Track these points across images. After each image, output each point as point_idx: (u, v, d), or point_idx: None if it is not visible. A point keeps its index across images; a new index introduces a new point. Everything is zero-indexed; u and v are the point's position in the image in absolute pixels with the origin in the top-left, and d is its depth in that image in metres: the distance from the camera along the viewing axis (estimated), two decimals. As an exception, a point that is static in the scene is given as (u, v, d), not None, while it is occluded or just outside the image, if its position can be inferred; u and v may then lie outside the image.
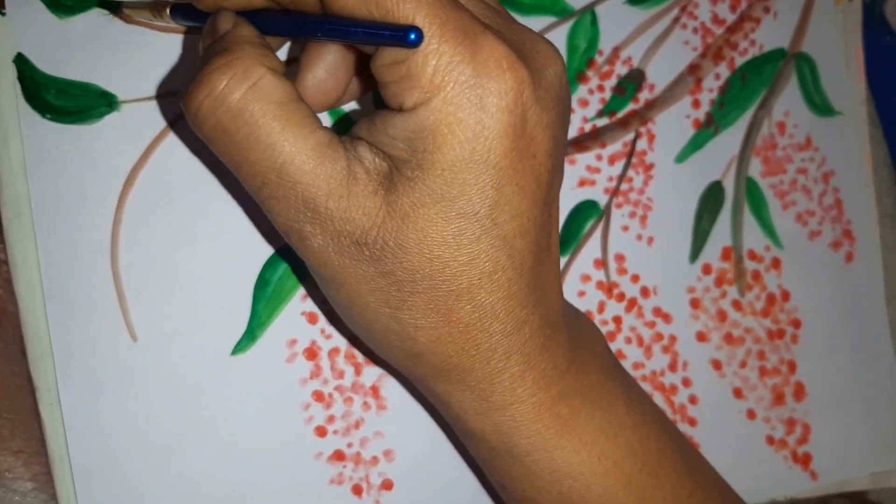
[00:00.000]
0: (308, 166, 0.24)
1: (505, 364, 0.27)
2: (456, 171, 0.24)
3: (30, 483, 0.32)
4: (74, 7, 0.32)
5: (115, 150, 0.32)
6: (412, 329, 0.26)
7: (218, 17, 0.26)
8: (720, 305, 0.40)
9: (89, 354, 0.31)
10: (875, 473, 0.42)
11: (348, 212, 0.24)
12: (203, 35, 0.27)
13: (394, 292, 0.26)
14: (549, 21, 0.38)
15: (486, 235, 0.25)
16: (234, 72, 0.24)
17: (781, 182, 0.42)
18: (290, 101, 0.24)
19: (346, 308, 0.27)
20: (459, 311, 0.26)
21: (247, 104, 0.24)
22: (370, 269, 0.25)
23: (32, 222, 0.31)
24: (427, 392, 0.29)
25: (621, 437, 0.29)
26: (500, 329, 0.26)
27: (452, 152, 0.24)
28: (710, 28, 0.41)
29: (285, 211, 0.25)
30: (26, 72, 0.31)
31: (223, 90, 0.24)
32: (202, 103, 0.24)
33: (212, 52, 0.25)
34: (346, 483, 0.34)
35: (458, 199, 0.24)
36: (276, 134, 0.24)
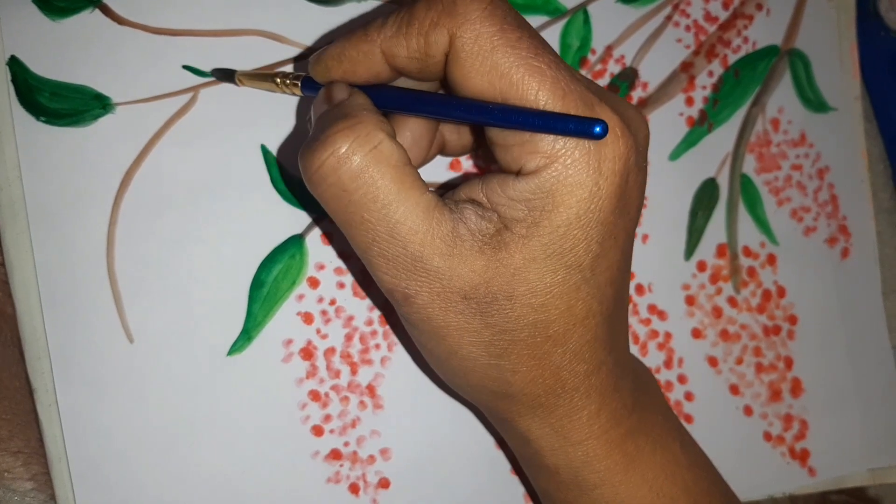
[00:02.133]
0: (419, 227, 0.26)
1: (585, 402, 0.29)
2: (570, 227, 0.26)
3: (29, 483, 0.32)
4: (67, 9, 0.32)
5: (110, 153, 0.32)
6: (510, 374, 0.28)
7: (333, 87, 0.28)
8: (715, 302, 0.40)
9: (86, 356, 0.32)
10: (873, 469, 0.42)
11: (456, 269, 0.26)
12: (315, 103, 0.29)
13: (496, 341, 0.27)
14: (541, 20, 0.38)
15: (585, 285, 0.27)
16: (357, 135, 0.25)
17: (776, 178, 0.42)
18: (405, 165, 0.26)
19: (443, 359, 0.29)
20: (553, 354, 0.27)
21: (367, 166, 0.25)
22: (475, 321, 0.27)
23: (28, 225, 0.31)
24: (507, 428, 0.31)
25: (678, 476, 0.31)
26: (584, 370, 0.28)
27: (569, 211, 0.25)
28: (702, 25, 0.41)
29: (393, 269, 0.27)
30: (20, 74, 0.31)
31: (346, 151, 0.25)
32: (325, 162, 0.26)
33: (331, 117, 0.27)
34: (343, 482, 0.34)
35: (568, 253, 0.26)
36: (392, 195, 0.26)
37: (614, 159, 0.25)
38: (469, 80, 0.25)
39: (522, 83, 0.25)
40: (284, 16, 0.34)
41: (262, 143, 0.34)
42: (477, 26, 0.25)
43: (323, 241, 0.34)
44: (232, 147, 0.33)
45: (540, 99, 0.25)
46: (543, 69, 0.25)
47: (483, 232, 0.26)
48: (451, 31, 0.25)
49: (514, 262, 0.26)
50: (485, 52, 0.25)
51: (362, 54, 0.27)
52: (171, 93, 0.33)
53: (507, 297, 0.26)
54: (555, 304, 0.27)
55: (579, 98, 0.25)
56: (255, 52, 0.34)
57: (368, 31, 0.27)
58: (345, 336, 0.35)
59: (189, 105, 0.33)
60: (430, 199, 0.26)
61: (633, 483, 0.30)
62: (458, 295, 0.26)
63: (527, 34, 0.25)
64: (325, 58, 0.28)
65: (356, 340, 0.35)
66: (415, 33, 0.26)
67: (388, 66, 0.27)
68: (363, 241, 0.27)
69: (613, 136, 0.25)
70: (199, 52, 0.33)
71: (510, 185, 0.26)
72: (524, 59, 0.25)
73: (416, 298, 0.27)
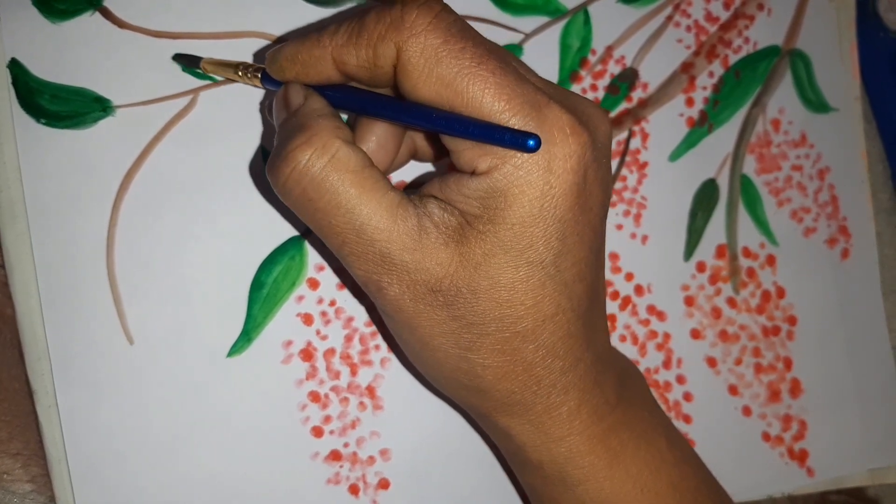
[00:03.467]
0: (383, 225, 0.27)
1: (563, 398, 0.29)
2: (525, 225, 0.26)
3: (28, 485, 0.32)
4: (67, 11, 0.32)
5: (110, 155, 0.32)
6: (480, 368, 0.28)
7: (289, 89, 0.29)
8: (715, 303, 0.40)
9: (86, 357, 0.32)
10: (873, 470, 0.42)
11: (422, 262, 0.27)
12: (276, 106, 0.30)
13: (464, 334, 0.28)
14: (542, 20, 0.38)
15: (551, 281, 0.27)
16: (314, 147, 0.27)
17: (776, 179, 0.42)
18: (364, 168, 0.27)
19: (417, 350, 0.29)
20: (524, 350, 0.28)
21: (327, 175, 0.26)
22: (443, 313, 0.27)
23: (28, 227, 0.31)
24: (488, 425, 0.32)
25: (663, 472, 0.31)
26: (559, 366, 0.29)
27: (522, 209, 0.26)
28: (703, 26, 0.41)
29: (364, 265, 0.28)
30: (20, 77, 0.31)
31: (305, 165, 0.26)
32: (288, 177, 0.27)
33: (290, 128, 0.28)
34: (343, 483, 0.34)
35: (527, 249, 0.27)
36: (353, 199, 0.27)
37: (566, 157, 0.26)
38: (417, 90, 0.26)
39: (467, 91, 0.26)
40: (284, 17, 0.34)
41: (262, 144, 0.34)
42: (422, 39, 0.26)
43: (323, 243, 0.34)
44: (231, 149, 0.33)
45: (485, 104, 0.26)
46: (487, 76, 0.26)
47: (447, 225, 0.27)
48: (398, 45, 0.26)
49: (475, 257, 0.27)
50: (430, 63, 0.26)
51: (314, 58, 0.28)
52: (171, 95, 0.33)
53: (471, 290, 0.27)
54: (520, 300, 0.27)
55: (525, 101, 0.26)
56: (255, 53, 0.34)
57: (321, 36, 0.28)
58: (344, 337, 0.35)
59: (189, 107, 0.33)
60: (392, 197, 0.27)
61: (618, 478, 0.30)
62: (425, 287, 0.27)
63: (471, 43, 0.26)
64: (280, 58, 0.29)
65: (356, 341, 0.35)
66: (364, 44, 0.27)
67: (339, 71, 0.28)
68: (334, 243, 0.28)
69: (563, 135, 0.26)
70: (199, 55, 0.33)
71: (465, 184, 0.27)
72: (468, 69, 0.25)
73: (388, 290, 0.28)
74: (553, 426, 0.29)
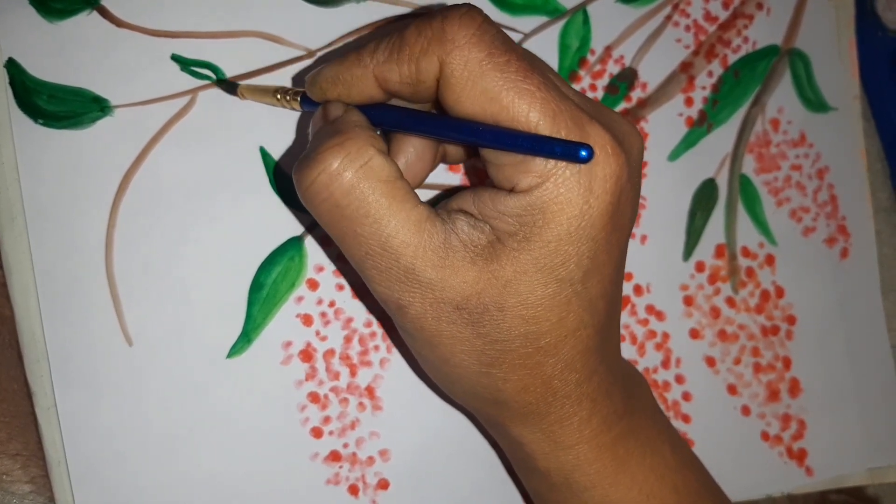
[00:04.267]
0: (410, 239, 0.26)
1: (576, 409, 0.29)
2: (561, 243, 0.26)
3: (27, 486, 0.32)
4: (65, 11, 0.32)
5: (109, 155, 0.32)
6: (500, 382, 0.28)
7: (329, 105, 0.29)
8: (714, 302, 0.40)
9: (85, 359, 0.32)
10: (872, 469, 0.42)
11: (447, 280, 0.26)
12: (314, 119, 0.29)
13: (487, 350, 0.28)
14: (540, 20, 0.38)
15: (577, 298, 0.27)
16: (347, 152, 0.26)
17: (775, 179, 0.42)
18: (396, 179, 0.26)
19: (436, 366, 0.29)
20: (545, 364, 0.28)
21: (358, 181, 0.26)
22: (467, 330, 0.27)
23: (26, 228, 0.31)
24: (499, 432, 0.32)
25: (667, 478, 0.32)
26: (575, 378, 0.29)
27: (560, 228, 0.26)
28: (702, 25, 0.41)
29: (386, 280, 0.27)
30: (18, 77, 0.31)
31: (337, 168, 0.26)
32: (316, 179, 0.26)
33: (324, 133, 0.27)
34: (343, 483, 0.34)
35: (558, 267, 0.26)
36: (383, 209, 0.26)
37: (605, 178, 0.26)
38: (460, 104, 0.26)
39: (512, 105, 0.25)
40: (283, 17, 0.34)
41: (261, 144, 0.34)
42: (465, 52, 0.25)
43: (322, 243, 0.34)
44: (231, 149, 0.33)
45: (531, 120, 0.25)
46: (533, 90, 0.25)
47: (475, 242, 0.27)
48: (440, 58, 0.26)
49: (506, 274, 0.26)
50: (474, 77, 0.25)
51: (356, 78, 0.28)
52: (170, 95, 0.33)
53: (499, 308, 0.27)
54: (546, 317, 0.27)
55: (570, 117, 0.25)
56: (254, 53, 0.34)
57: (361, 55, 0.27)
58: (344, 338, 0.35)
59: (188, 107, 0.33)
60: (421, 211, 0.27)
61: (624, 485, 0.31)
62: (450, 305, 0.27)
63: (515, 56, 0.26)
64: (321, 80, 0.29)
65: (355, 342, 0.35)
66: (406, 59, 0.26)
67: (381, 89, 0.28)
68: (357, 254, 0.27)
69: (604, 155, 0.26)
70: (198, 54, 0.33)
71: (502, 201, 0.26)
72: (513, 82, 0.25)
73: (409, 309, 0.27)
74: (564, 435, 0.30)
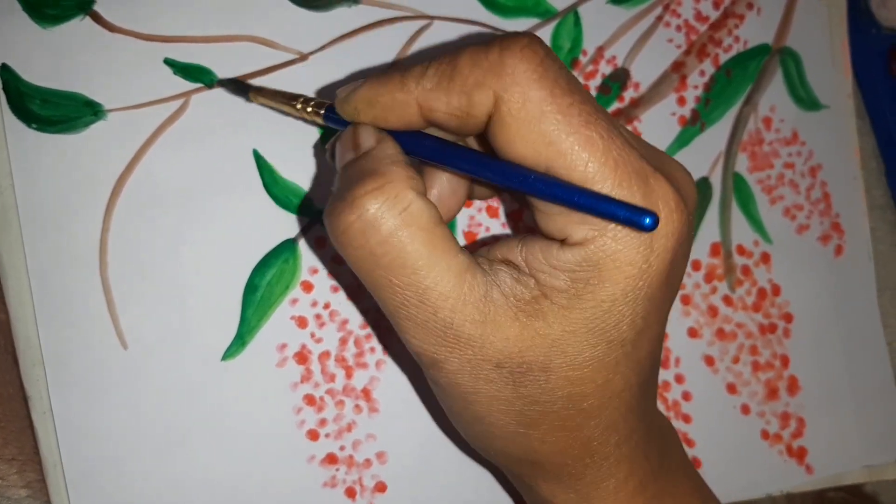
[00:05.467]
0: (450, 292, 0.24)
1: (614, 471, 0.28)
2: (615, 304, 0.24)
3: (24, 490, 0.32)
4: (58, 16, 0.32)
5: (102, 159, 0.32)
6: (538, 444, 0.27)
7: (360, 130, 0.26)
8: (711, 301, 0.40)
9: (80, 363, 0.32)
10: (870, 466, 0.42)
11: (488, 337, 0.24)
12: (341, 145, 0.27)
13: (527, 411, 0.26)
14: (532, 22, 0.38)
15: (626, 359, 0.25)
16: (386, 196, 0.24)
17: (769, 177, 0.42)
18: (436, 226, 0.24)
19: (469, 423, 0.27)
20: (585, 427, 0.26)
21: (397, 229, 0.24)
22: (507, 390, 0.25)
23: (21, 232, 0.31)
24: (529, 490, 0.30)
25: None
26: (615, 440, 0.27)
27: (616, 287, 0.24)
28: (693, 25, 0.41)
29: (422, 334, 0.25)
30: (11, 82, 0.31)
31: (374, 214, 0.24)
32: (352, 225, 0.24)
33: (359, 171, 0.25)
34: (340, 486, 0.34)
35: (611, 329, 0.24)
36: (422, 260, 0.24)
37: (667, 235, 0.24)
38: (513, 145, 0.24)
39: (572, 153, 0.23)
40: (275, 21, 0.34)
41: (255, 147, 0.34)
42: (525, 89, 0.23)
43: (316, 245, 0.34)
44: (224, 152, 0.34)
45: (589, 171, 0.23)
46: (595, 138, 0.23)
47: (518, 297, 0.25)
48: (496, 93, 0.23)
49: (553, 333, 0.24)
50: (533, 118, 0.23)
51: (396, 103, 0.25)
52: (163, 99, 0.33)
53: (543, 368, 0.25)
54: (591, 378, 0.25)
55: (633, 170, 0.23)
56: (247, 57, 0.34)
57: (406, 78, 0.25)
58: (339, 340, 0.35)
59: (181, 111, 0.33)
60: (461, 261, 0.25)
61: None
62: (490, 363, 0.25)
63: (579, 99, 0.23)
64: (356, 99, 0.26)
65: (351, 344, 0.35)
66: (457, 90, 0.24)
67: (423, 118, 0.25)
68: (391, 304, 0.25)
69: (668, 211, 0.24)
70: (191, 59, 0.33)
71: (553, 254, 0.24)
72: (575, 128, 0.23)
73: (446, 364, 0.25)
74: (598, 497, 0.28)
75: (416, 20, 0.36)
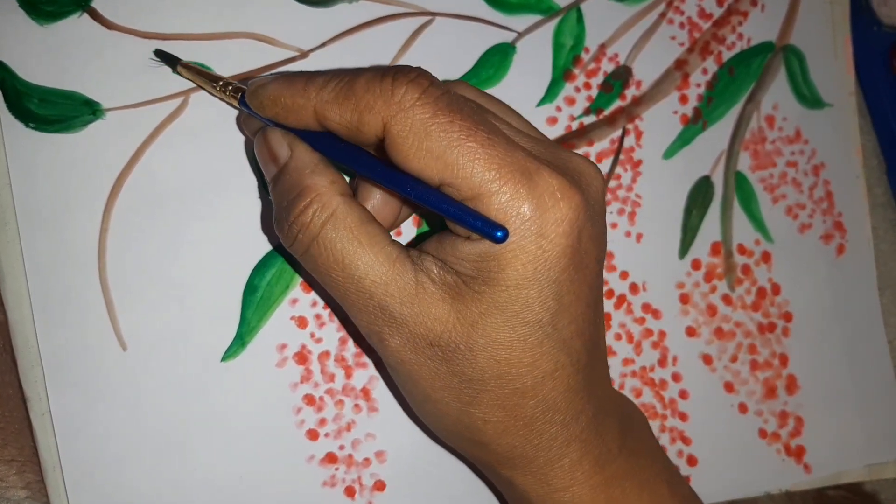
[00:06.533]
0: (380, 279, 0.27)
1: (565, 451, 0.29)
2: (520, 287, 0.26)
3: (23, 491, 0.32)
4: (55, 13, 0.32)
5: (101, 159, 0.32)
6: (481, 423, 0.29)
7: (272, 139, 0.29)
8: (710, 300, 0.40)
9: (79, 364, 0.31)
10: (870, 465, 0.42)
11: (419, 316, 0.27)
12: (260, 152, 0.30)
13: (464, 389, 0.28)
14: (534, 19, 0.38)
15: (548, 340, 0.27)
16: (314, 209, 0.27)
17: (771, 175, 0.42)
18: (362, 223, 0.28)
19: (420, 402, 0.30)
20: (524, 406, 0.28)
21: (326, 233, 0.27)
22: (443, 367, 0.28)
23: (18, 233, 0.31)
24: (492, 475, 0.32)
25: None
26: (560, 420, 0.29)
27: (516, 273, 0.26)
28: (696, 22, 0.40)
29: (366, 316, 0.28)
30: (8, 80, 0.31)
31: (308, 227, 0.28)
32: (295, 239, 0.28)
33: (286, 188, 0.28)
34: (339, 485, 0.34)
35: (523, 310, 0.27)
36: (350, 255, 0.27)
37: (558, 222, 0.26)
38: (408, 162, 0.26)
39: (458, 164, 0.26)
40: (275, 18, 0.34)
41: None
42: (410, 114, 0.26)
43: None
44: (223, 151, 0.33)
45: (475, 176, 0.26)
46: (476, 147, 0.26)
47: (444, 281, 0.27)
48: (384, 119, 0.26)
49: (472, 315, 0.27)
50: (419, 137, 0.26)
51: (297, 105, 0.28)
52: (162, 97, 0.33)
53: (468, 347, 0.27)
54: (518, 358, 0.27)
55: (515, 169, 0.26)
56: (246, 54, 0.34)
57: (308, 86, 0.28)
58: (339, 340, 0.34)
59: (179, 109, 0.33)
60: (390, 251, 0.28)
61: None
62: (425, 341, 0.28)
63: (458, 116, 0.26)
64: (262, 95, 0.29)
65: (350, 344, 0.35)
66: (350, 108, 0.27)
67: (319, 123, 0.28)
68: (337, 294, 0.28)
69: (554, 200, 0.26)
70: (190, 56, 0.33)
71: (459, 247, 0.27)
72: (456, 141, 0.26)
73: (389, 342, 0.28)
74: (555, 478, 0.30)
75: (417, 16, 0.36)
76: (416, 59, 0.36)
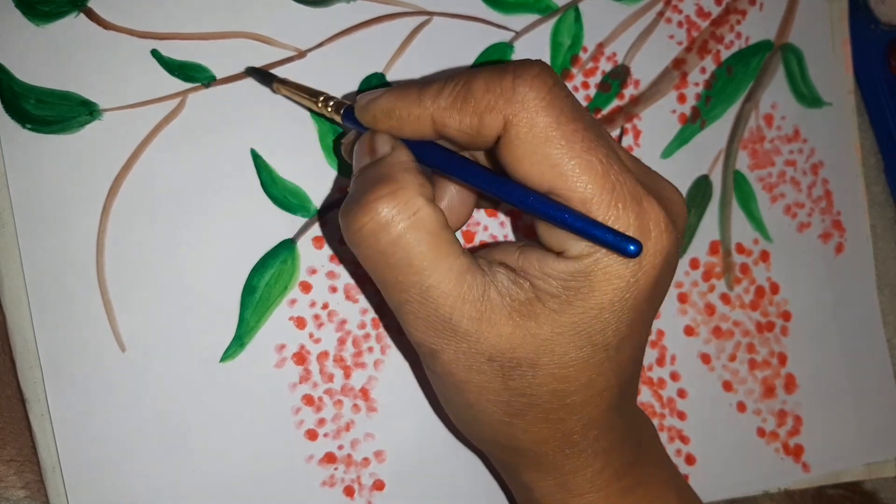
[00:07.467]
0: (450, 291, 0.26)
1: (591, 461, 0.30)
2: (602, 311, 0.26)
3: (22, 492, 0.32)
4: (52, 14, 0.32)
5: (98, 160, 0.32)
6: (521, 433, 0.29)
7: (377, 138, 0.28)
8: (708, 299, 0.40)
9: (78, 365, 0.31)
10: (869, 464, 0.42)
11: (483, 333, 0.27)
12: (359, 149, 0.29)
13: (514, 402, 0.28)
14: (532, 18, 0.38)
15: (608, 362, 0.27)
16: (397, 202, 0.26)
17: (770, 175, 0.42)
18: (441, 230, 0.26)
19: (460, 409, 0.30)
20: (568, 420, 0.28)
21: (405, 232, 0.26)
22: (497, 381, 0.27)
23: (16, 234, 0.31)
24: (510, 475, 0.32)
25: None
26: (594, 434, 0.29)
27: (604, 297, 0.26)
28: (695, 21, 0.40)
29: (422, 326, 0.27)
30: (4, 81, 0.31)
31: (385, 217, 0.26)
32: (365, 226, 0.26)
33: (373, 176, 0.27)
34: (338, 485, 0.34)
35: (596, 334, 0.27)
36: (427, 261, 0.26)
37: (656, 254, 0.26)
38: (520, 165, 0.26)
39: (573, 176, 0.25)
40: (273, 18, 0.34)
41: (252, 147, 0.34)
42: (533, 115, 0.25)
43: (315, 246, 0.34)
44: (221, 152, 0.33)
45: (587, 193, 0.25)
46: (595, 163, 0.25)
47: (513, 298, 0.27)
48: (506, 118, 0.25)
49: (542, 334, 0.26)
50: (539, 142, 0.25)
51: (412, 116, 0.27)
52: (159, 98, 0.33)
53: (531, 364, 0.27)
54: (576, 377, 0.27)
55: (628, 193, 0.25)
56: (244, 54, 0.34)
57: (423, 96, 0.27)
58: (338, 340, 0.34)
59: (177, 110, 0.33)
60: (463, 262, 0.27)
61: None
62: (483, 357, 0.27)
63: (582, 126, 0.25)
64: (374, 109, 0.28)
65: (349, 344, 0.35)
66: (469, 111, 0.26)
67: (436, 132, 0.27)
68: (396, 299, 0.27)
69: (658, 231, 0.26)
70: (187, 56, 0.33)
71: (549, 263, 0.26)
72: (577, 153, 0.25)
73: (442, 355, 0.27)
74: (576, 485, 0.30)
75: (415, 16, 0.36)
76: (414, 58, 0.36)
